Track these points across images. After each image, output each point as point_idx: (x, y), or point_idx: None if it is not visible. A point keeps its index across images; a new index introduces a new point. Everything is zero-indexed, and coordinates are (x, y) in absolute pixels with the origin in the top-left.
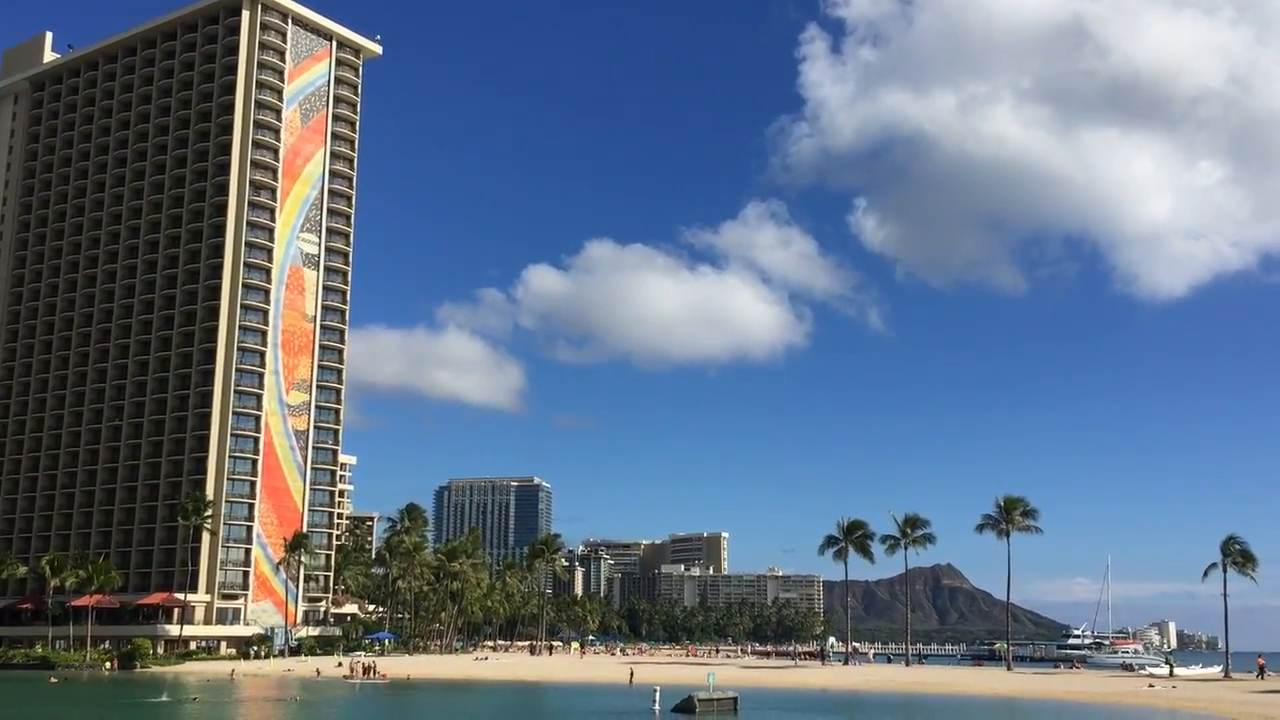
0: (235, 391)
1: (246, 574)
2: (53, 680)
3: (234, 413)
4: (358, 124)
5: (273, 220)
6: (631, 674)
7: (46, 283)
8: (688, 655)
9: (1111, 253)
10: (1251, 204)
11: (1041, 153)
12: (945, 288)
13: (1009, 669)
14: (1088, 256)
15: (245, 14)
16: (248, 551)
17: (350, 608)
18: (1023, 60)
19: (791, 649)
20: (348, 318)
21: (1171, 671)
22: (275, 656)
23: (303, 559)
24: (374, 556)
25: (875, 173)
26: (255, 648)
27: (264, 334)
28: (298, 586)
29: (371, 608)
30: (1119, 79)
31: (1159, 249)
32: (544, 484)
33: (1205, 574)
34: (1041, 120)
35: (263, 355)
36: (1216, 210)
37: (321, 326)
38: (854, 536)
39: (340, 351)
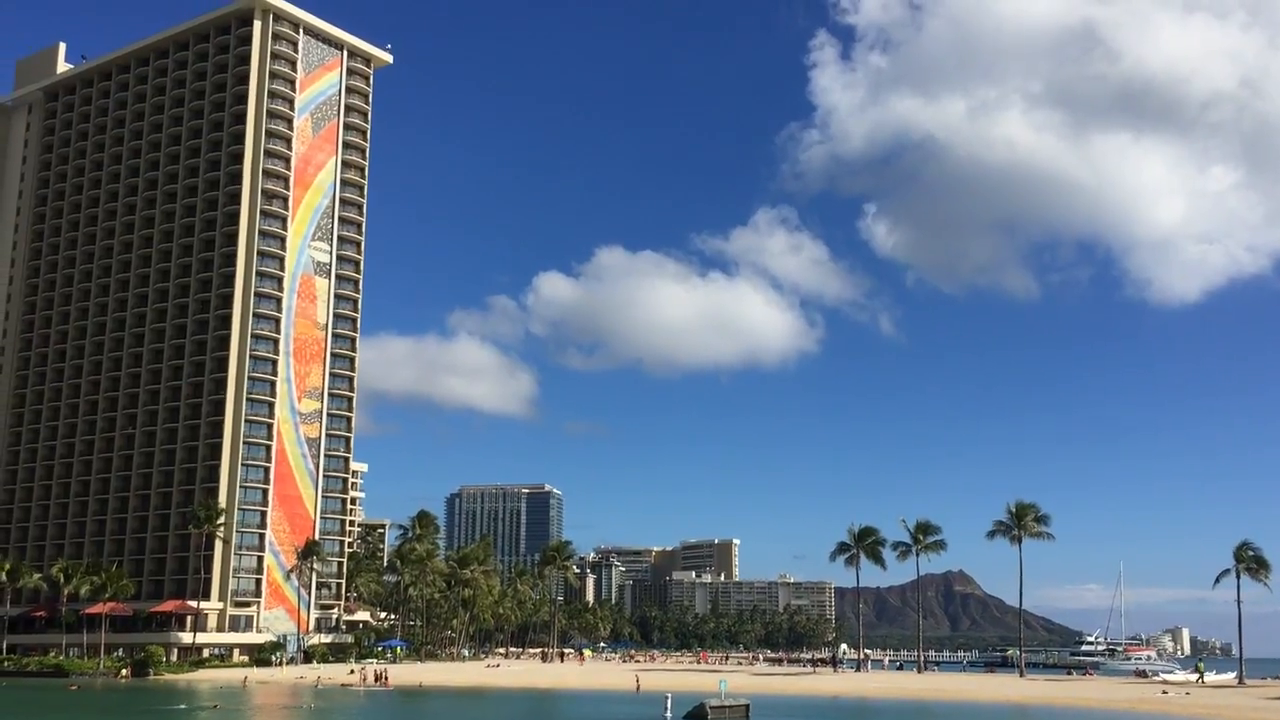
0: (247, 399)
1: (259, 581)
2: (73, 687)
3: (246, 420)
4: (369, 132)
5: (284, 229)
6: (638, 681)
7: (60, 291)
8: (699, 662)
9: (1124, 257)
10: (1265, 208)
11: (1052, 157)
12: (956, 293)
13: (1021, 675)
14: (1100, 261)
15: (257, 24)
16: (260, 559)
17: (362, 615)
18: (1033, 65)
19: (808, 655)
20: (359, 325)
21: (1201, 679)
22: (288, 664)
23: (315, 566)
24: (386, 564)
25: (886, 178)
26: (275, 655)
27: (276, 342)
28: (310, 594)
29: (383, 615)
30: (1130, 83)
31: (1172, 254)
32: (555, 491)
33: (1218, 580)
34: (1052, 125)
35: (275, 363)
36: (1229, 215)
37: (333, 334)
38: (865, 543)
39: (352, 359)
